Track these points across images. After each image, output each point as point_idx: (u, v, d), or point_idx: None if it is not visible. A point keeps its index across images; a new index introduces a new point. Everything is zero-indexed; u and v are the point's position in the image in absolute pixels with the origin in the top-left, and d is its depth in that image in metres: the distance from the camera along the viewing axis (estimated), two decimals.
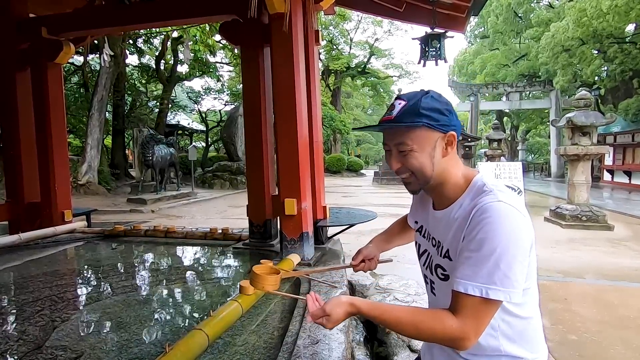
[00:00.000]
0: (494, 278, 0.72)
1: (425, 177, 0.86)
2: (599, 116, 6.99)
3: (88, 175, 10.98)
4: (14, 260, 3.13)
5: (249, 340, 1.69)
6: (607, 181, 16.62)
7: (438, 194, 0.91)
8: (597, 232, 6.37)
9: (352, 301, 0.84)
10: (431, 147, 0.83)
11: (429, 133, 0.82)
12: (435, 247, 0.91)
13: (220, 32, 3.51)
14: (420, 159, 0.84)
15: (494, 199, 0.77)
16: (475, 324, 0.75)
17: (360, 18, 25.59)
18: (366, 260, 1.18)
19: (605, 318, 3.01)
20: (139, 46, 15.49)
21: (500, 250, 0.72)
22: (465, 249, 0.77)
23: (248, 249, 3.28)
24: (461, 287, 0.75)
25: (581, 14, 13.44)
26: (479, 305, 0.74)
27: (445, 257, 0.86)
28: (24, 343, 1.70)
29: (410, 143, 0.83)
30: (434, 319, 0.77)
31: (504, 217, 0.74)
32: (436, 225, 0.92)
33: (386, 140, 0.89)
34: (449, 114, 0.83)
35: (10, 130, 3.96)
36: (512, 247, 0.72)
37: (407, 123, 0.81)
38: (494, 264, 0.72)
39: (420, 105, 0.81)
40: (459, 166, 0.88)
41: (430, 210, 0.96)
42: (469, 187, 0.85)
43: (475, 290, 0.73)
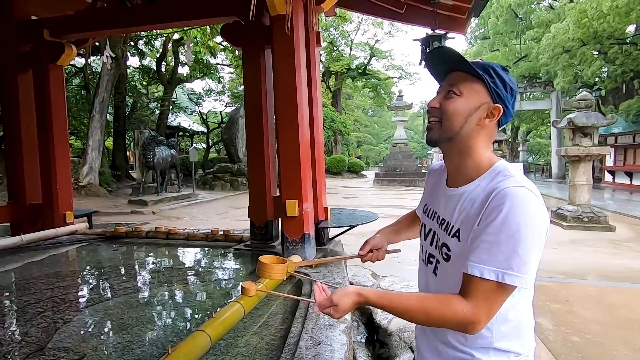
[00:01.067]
0: (511, 263, 0.71)
1: (450, 128, 0.85)
2: (600, 117, 6.99)
3: (89, 176, 10.99)
4: (15, 261, 3.13)
5: (251, 342, 1.69)
6: (608, 182, 16.60)
7: (456, 166, 0.89)
8: (598, 233, 6.36)
9: (359, 291, 0.83)
10: (475, 105, 0.83)
11: (482, 91, 0.83)
12: (443, 225, 0.89)
13: (221, 33, 3.52)
14: (458, 107, 0.84)
15: (515, 184, 0.75)
16: (487, 307, 0.74)
17: (360, 19, 25.66)
18: (374, 251, 1.17)
19: (607, 319, 3.00)
20: (140, 48, 15.52)
21: (520, 236, 0.71)
22: (482, 232, 0.75)
23: (249, 251, 3.28)
24: (477, 270, 0.73)
25: (581, 15, 13.45)
26: (494, 289, 0.73)
27: (454, 237, 0.84)
28: (26, 345, 1.70)
29: (461, 88, 0.84)
30: (444, 304, 0.76)
31: (525, 203, 0.73)
32: (447, 203, 0.90)
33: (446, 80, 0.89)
34: (509, 92, 0.84)
35: (12, 132, 3.98)
36: (530, 233, 0.72)
37: (474, 67, 0.82)
38: (512, 249, 0.71)
39: (494, 67, 0.83)
40: (488, 147, 0.87)
41: (443, 188, 0.94)
42: (490, 170, 0.83)
43: (491, 275, 0.72)
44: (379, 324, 2.45)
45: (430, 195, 1.03)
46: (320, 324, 1.74)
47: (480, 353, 0.83)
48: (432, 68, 0.91)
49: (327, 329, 1.69)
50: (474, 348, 0.84)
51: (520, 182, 0.76)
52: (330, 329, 1.69)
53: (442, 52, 0.87)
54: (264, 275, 0.99)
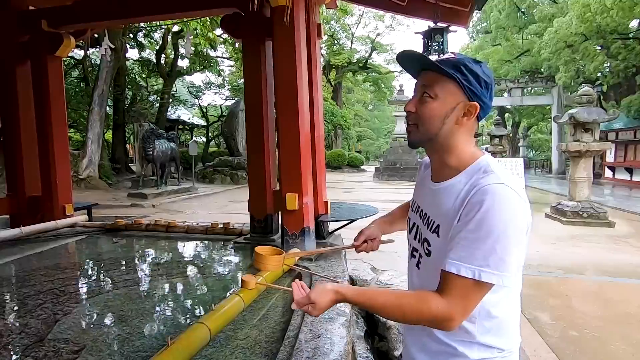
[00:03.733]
0: (488, 261, 0.71)
1: (428, 131, 0.84)
2: (602, 113, 6.96)
3: (89, 169, 10.98)
4: (15, 253, 3.14)
5: (250, 334, 1.69)
6: (609, 178, 16.59)
7: (440, 162, 0.88)
8: (598, 228, 6.37)
9: (337, 289, 0.82)
10: (451, 106, 0.82)
11: (456, 91, 0.81)
12: (425, 220, 0.90)
13: (221, 25, 3.48)
14: (434, 110, 0.82)
15: (495, 181, 0.74)
16: (463, 305, 0.74)
17: (361, 12, 25.43)
18: (368, 241, 1.17)
19: (605, 314, 3.01)
20: (140, 40, 15.41)
21: (498, 233, 0.71)
22: (461, 229, 0.74)
23: (249, 244, 3.27)
24: (453, 268, 0.73)
25: (585, 9, 13.32)
26: (470, 287, 0.72)
27: (434, 233, 0.84)
28: (27, 336, 1.70)
29: (435, 90, 0.82)
30: (420, 301, 0.76)
31: (505, 200, 0.72)
32: (431, 198, 0.90)
33: (419, 79, 0.87)
34: (485, 88, 0.81)
35: (10, 124, 3.95)
36: (510, 231, 0.71)
37: (443, 68, 0.80)
38: (490, 247, 0.71)
39: (464, 62, 0.80)
40: (469, 142, 0.86)
41: (428, 183, 0.93)
42: (473, 165, 0.83)
43: (467, 272, 0.72)
44: (378, 318, 2.45)
45: (417, 189, 1.03)
46: (319, 317, 1.75)
47: (463, 347, 0.83)
48: (405, 68, 0.89)
49: (327, 322, 1.69)
50: (458, 342, 0.83)
51: (501, 179, 0.75)
52: (329, 322, 1.69)
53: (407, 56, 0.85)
54: (259, 266, 1.01)
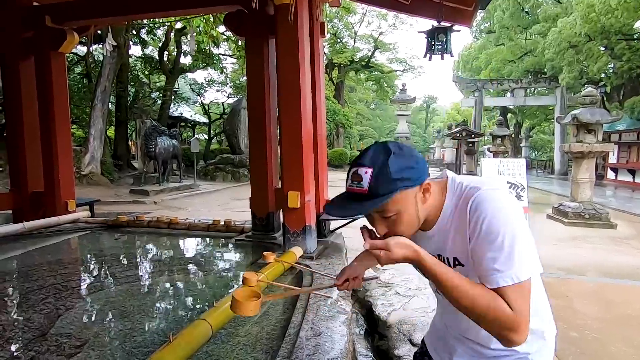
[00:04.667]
0: (515, 260, 0.73)
1: (413, 229, 0.86)
2: (605, 114, 6.93)
3: (91, 165, 11.00)
4: (18, 248, 3.15)
5: (251, 331, 1.70)
6: (611, 179, 16.52)
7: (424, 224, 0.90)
8: (599, 230, 6.36)
9: (418, 248, 0.77)
10: (413, 204, 0.82)
11: (408, 193, 0.80)
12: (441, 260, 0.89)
13: (224, 23, 3.48)
14: (405, 218, 0.82)
15: (480, 189, 0.79)
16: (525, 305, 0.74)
17: (364, 11, 25.36)
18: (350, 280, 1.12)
19: (606, 316, 3.01)
20: (142, 37, 15.40)
21: (509, 233, 0.74)
22: (477, 246, 0.77)
23: (251, 241, 3.28)
24: (493, 283, 0.75)
25: (589, 9, 13.25)
26: (517, 291, 0.74)
27: (456, 266, 0.85)
28: (29, 330, 1.71)
29: (393, 209, 0.81)
30: (493, 298, 0.73)
31: (497, 201, 0.77)
32: (430, 243, 0.90)
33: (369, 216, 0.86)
34: (417, 164, 0.80)
35: (14, 120, 3.96)
36: (516, 225, 0.75)
37: (385, 194, 0.77)
38: (509, 248, 0.74)
39: (390, 170, 0.77)
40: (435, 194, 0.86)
41: (419, 233, 0.92)
42: (447, 195, 0.86)
43: (506, 280, 0.73)
44: (378, 316, 2.46)
45: None
46: (320, 314, 1.75)
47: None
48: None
49: (328, 320, 1.70)
50: None
51: (479, 185, 0.80)
52: (330, 320, 1.70)
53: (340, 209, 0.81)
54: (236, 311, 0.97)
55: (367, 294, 2.70)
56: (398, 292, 2.69)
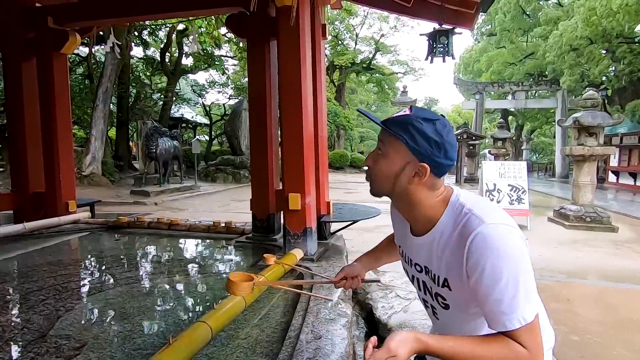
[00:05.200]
0: (521, 301, 0.72)
1: (380, 187, 0.84)
2: (606, 117, 6.92)
3: (92, 166, 11.01)
4: (18, 249, 3.15)
5: (251, 334, 1.69)
6: (612, 182, 16.49)
7: (411, 216, 0.88)
8: (600, 233, 6.33)
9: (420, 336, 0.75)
10: (399, 165, 0.80)
11: (404, 150, 0.79)
12: (426, 273, 0.89)
13: (226, 24, 3.49)
14: (384, 168, 0.82)
15: (479, 224, 0.74)
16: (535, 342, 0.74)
17: (366, 13, 25.38)
18: (348, 278, 1.12)
19: (607, 319, 2.99)
20: (144, 38, 15.45)
21: (513, 275, 0.72)
22: (480, 286, 0.74)
23: (251, 243, 3.28)
24: (500, 326, 0.74)
25: (590, 12, 13.25)
26: (526, 331, 0.73)
27: (444, 287, 0.83)
28: (29, 331, 1.71)
29: (385, 147, 0.81)
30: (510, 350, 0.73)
31: (500, 241, 0.73)
32: (418, 251, 0.89)
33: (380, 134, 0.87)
34: (436, 148, 0.78)
35: (15, 120, 3.97)
36: (520, 266, 0.72)
37: (390, 129, 0.79)
38: (514, 289, 0.72)
39: (413, 123, 0.78)
40: (434, 194, 0.83)
41: (409, 236, 0.91)
42: (447, 209, 0.81)
43: (514, 323, 0.72)
44: (379, 319, 2.45)
45: (400, 236, 1.01)
46: (321, 317, 1.75)
47: None
48: None
49: (328, 323, 1.69)
50: None
51: (482, 218, 0.75)
52: (331, 323, 1.69)
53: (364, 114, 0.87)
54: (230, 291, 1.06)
55: (368, 296, 2.69)
56: (399, 294, 2.68)
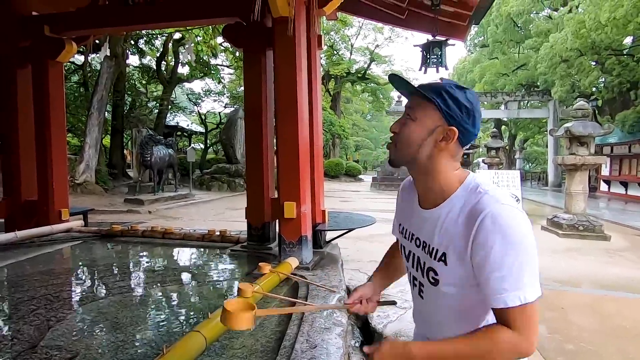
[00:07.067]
0: (525, 280, 0.73)
1: (406, 152, 0.85)
2: (597, 127, 7.04)
3: (86, 174, 10.92)
4: (9, 258, 3.10)
5: (246, 344, 1.68)
6: (604, 191, 16.70)
7: (424, 187, 0.88)
8: (593, 241, 6.39)
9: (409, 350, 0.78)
10: (429, 129, 0.82)
11: (435, 114, 0.81)
12: (423, 248, 0.88)
13: (223, 34, 3.53)
14: (413, 132, 0.83)
15: (493, 203, 0.76)
16: (530, 329, 0.75)
17: (361, 24, 25.76)
18: (363, 301, 1.07)
19: (601, 328, 3.01)
20: (140, 47, 15.51)
21: (522, 254, 0.73)
22: (485, 261, 0.75)
23: (246, 252, 3.26)
24: (500, 302, 0.74)
25: (580, 25, 13.57)
26: (525, 311, 0.74)
27: (440, 261, 0.83)
28: (19, 342, 1.68)
29: (415, 112, 0.84)
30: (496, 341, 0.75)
31: (510, 219, 0.74)
32: (422, 224, 0.89)
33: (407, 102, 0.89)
34: (466, 114, 0.81)
35: (9, 127, 3.95)
36: (527, 245, 0.74)
37: (423, 92, 0.82)
38: (519, 268, 0.73)
39: (447, 88, 0.81)
40: (453, 166, 0.85)
41: (416, 209, 0.92)
42: (462, 187, 0.83)
43: (514, 300, 0.73)
44: (374, 328, 2.44)
45: (403, 214, 1.01)
46: (316, 326, 1.74)
47: None
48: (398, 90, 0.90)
49: (323, 332, 1.68)
50: None
51: (497, 198, 0.76)
52: (326, 332, 1.69)
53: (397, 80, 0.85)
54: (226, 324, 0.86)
55: None
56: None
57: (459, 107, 0.80)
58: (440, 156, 0.83)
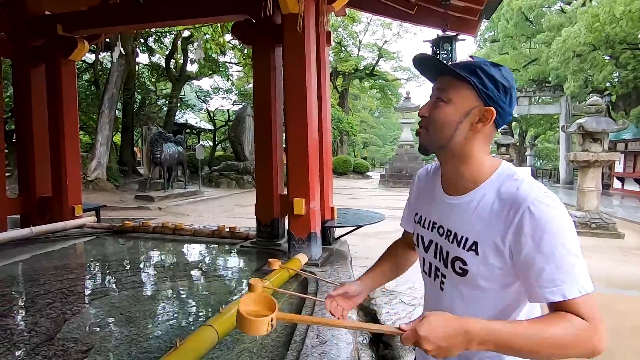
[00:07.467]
0: (580, 270, 0.69)
1: (440, 137, 0.79)
2: (611, 122, 6.90)
3: (97, 171, 11.10)
4: (25, 253, 3.18)
5: (257, 338, 1.69)
6: (617, 189, 16.37)
7: (455, 173, 0.83)
8: (606, 240, 6.28)
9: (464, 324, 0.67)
10: (464, 110, 0.77)
11: (471, 94, 0.76)
12: (448, 237, 0.83)
13: (232, 31, 3.54)
14: (447, 115, 0.78)
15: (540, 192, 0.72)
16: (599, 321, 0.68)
17: (369, 20, 25.59)
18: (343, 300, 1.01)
19: (614, 327, 2.96)
20: (150, 45, 15.65)
21: (573, 243, 0.70)
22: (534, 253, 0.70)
23: (255, 248, 3.29)
24: (557, 294, 0.68)
25: (594, 19, 13.28)
26: (589, 301, 0.68)
27: (469, 250, 0.78)
28: (36, 334, 1.72)
29: (449, 94, 0.78)
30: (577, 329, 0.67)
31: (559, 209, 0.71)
32: (447, 212, 0.84)
33: (435, 84, 0.83)
34: (503, 92, 0.76)
35: (23, 125, 4.03)
36: (574, 237, 0.70)
37: (458, 71, 0.76)
38: (574, 258, 0.69)
39: (482, 66, 0.76)
40: (486, 151, 0.81)
41: (440, 196, 0.87)
42: (496, 173, 0.78)
43: (573, 292, 0.68)
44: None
45: (421, 203, 0.96)
46: None
47: None
48: (421, 72, 0.86)
49: (334, 328, 1.69)
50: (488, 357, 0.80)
51: (538, 188, 0.73)
52: (336, 328, 1.69)
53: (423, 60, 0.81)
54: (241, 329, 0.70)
55: (372, 302, 2.69)
56: (403, 300, 2.68)
57: (496, 85, 0.76)
58: (475, 140, 0.79)
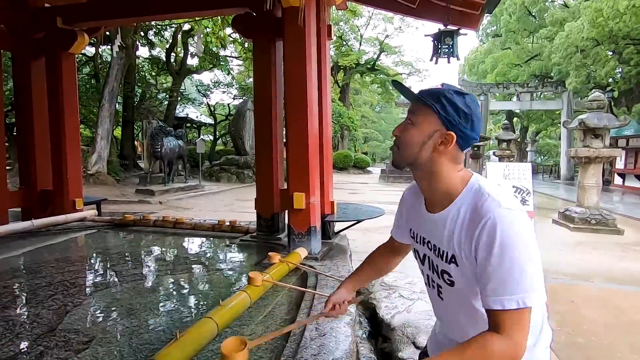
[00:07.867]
0: (524, 285, 0.74)
1: (406, 156, 0.88)
2: (612, 118, 6.88)
3: (98, 165, 11.10)
4: (26, 245, 3.19)
5: (256, 331, 1.71)
6: (618, 185, 16.36)
7: (429, 190, 0.90)
8: (606, 235, 6.30)
9: None
10: (427, 133, 0.84)
11: (433, 119, 0.83)
12: (435, 251, 0.91)
13: (232, 25, 3.52)
14: (413, 136, 0.85)
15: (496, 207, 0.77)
16: (522, 333, 0.75)
17: (370, 14, 25.41)
18: (336, 306, 1.16)
19: (613, 322, 2.98)
20: (150, 38, 15.56)
21: (523, 258, 0.74)
22: (486, 266, 0.77)
23: (255, 242, 3.30)
24: (497, 304, 0.75)
25: (597, 14, 13.18)
26: (519, 315, 0.74)
27: (451, 263, 0.85)
28: (38, 325, 1.74)
29: (415, 117, 0.86)
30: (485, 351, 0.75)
31: (513, 225, 0.75)
32: (432, 228, 0.91)
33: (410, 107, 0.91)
34: (464, 119, 0.83)
35: (24, 119, 4.03)
36: (529, 250, 0.75)
37: (423, 98, 0.84)
38: (519, 273, 0.74)
39: (445, 94, 0.83)
40: (454, 169, 0.87)
41: (424, 213, 0.94)
42: (466, 189, 0.85)
43: (512, 304, 0.74)
44: (382, 319, 2.45)
45: (411, 219, 1.03)
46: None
47: None
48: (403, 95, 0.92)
49: (332, 321, 1.70)
50: None
51: (500, 202, 0.78)
52: (335, 321, 1.71)
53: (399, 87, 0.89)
54: None
55: (371, 296, 2.70)
56: (402, 294, 2.69)
57: (457, 112, 0.82)
58: (441, 160, 0.85)
